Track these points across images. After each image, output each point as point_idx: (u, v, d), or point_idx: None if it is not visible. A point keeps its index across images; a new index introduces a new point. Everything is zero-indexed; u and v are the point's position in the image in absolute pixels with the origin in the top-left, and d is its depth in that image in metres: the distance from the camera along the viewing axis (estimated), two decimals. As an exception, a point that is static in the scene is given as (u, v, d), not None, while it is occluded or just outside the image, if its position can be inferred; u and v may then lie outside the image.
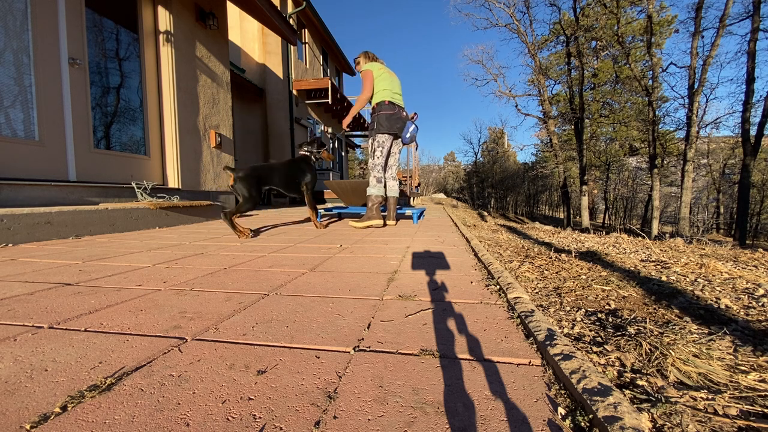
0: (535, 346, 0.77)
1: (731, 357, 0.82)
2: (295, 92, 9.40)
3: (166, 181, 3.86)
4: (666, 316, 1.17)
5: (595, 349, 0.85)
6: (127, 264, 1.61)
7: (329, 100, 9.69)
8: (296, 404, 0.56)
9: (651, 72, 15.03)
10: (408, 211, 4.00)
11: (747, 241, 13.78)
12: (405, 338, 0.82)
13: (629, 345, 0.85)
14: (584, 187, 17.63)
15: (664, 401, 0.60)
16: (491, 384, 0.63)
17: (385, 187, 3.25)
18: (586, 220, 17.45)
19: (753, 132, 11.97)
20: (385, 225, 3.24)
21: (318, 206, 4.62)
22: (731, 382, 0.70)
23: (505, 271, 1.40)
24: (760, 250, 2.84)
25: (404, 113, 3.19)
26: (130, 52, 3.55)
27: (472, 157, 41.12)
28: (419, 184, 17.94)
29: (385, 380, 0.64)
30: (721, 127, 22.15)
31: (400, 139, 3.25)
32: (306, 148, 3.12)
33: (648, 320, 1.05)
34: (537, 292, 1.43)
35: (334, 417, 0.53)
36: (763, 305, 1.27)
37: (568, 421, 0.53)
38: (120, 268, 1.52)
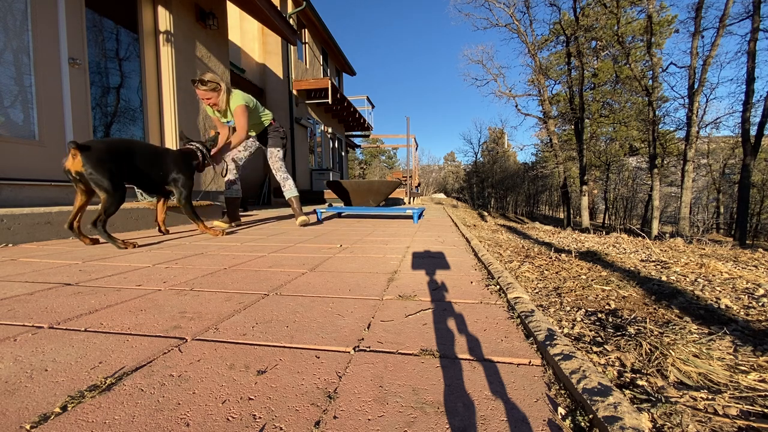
0: (535, 346, 0.77)
1: (731, 357, 0.82)
2: (295, 92, 9.40)
3: (166, 181, 3.86)
4: (666, 316, 1.17)
5: (595, 349, 0.85)
6: (126, 264, 1.61)
7: (329, 100, 9.69)
8: (296, 404, 0.56)
9: (651, 72, 15.03)
10: (408, 211, 4.01)
11: (747, 241, 13.78)
12: (405, 338, 0.82)
13: (629, 345, 0.85)
14: (584, 187, 17.64)
15: (664, 401, 0.60)
16: (491, 384, 0.63)
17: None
18: (586, 220, 17.45)
19: (753, 132, 11.97)
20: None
21: (318, 206, 4.61)
22: (731, 382, 0.70)
23: (505, 271, 1.40)
24: (760, 250, 2.84)
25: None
26: (130, 52, 3.55)
27: (472, 157, 41.12)
28: (419, 184, 17.94)
29: (385, 380, 0.64)
30: (721, 127, 22.13)
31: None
32: (197, 145, 2.53)
33: (648, 320, 1.05)
34: (537, 292, 1.43)
35: (334, 417, 0.53)
36: (763, 305, 1.27)
37: (568, 421, 0.53)
38: (120, 268, 1.52)
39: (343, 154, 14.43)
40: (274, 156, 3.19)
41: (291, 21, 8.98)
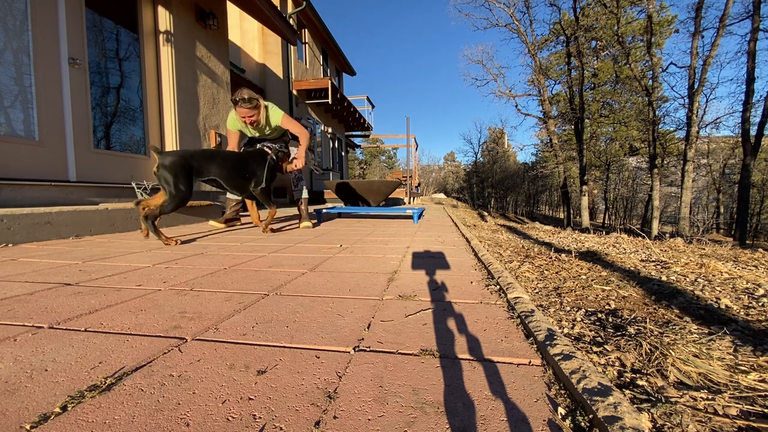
0: (535, 346, 0.77)
1: (731, 357, 0.82)
2: (295, 92, 9.40)
3: (166, 181, 3.86)
4: (666, 316, 1.17)
5: (595, 349, 0.85)
6: (127, 264, 1.61)
7: (329, 100, 9.69)
8: (296, 404, 0.56)
9: (651, 72, 15.03)
10: (408, 211, 4.01)
11: (747, 241, 13.77)
12: (405, 338, 0.82)
13: (629, 345, 0.85)
14: (584, 187, 17.64)
15: (664, 401, 0.60)
16: (491, 384, 0.63)
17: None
18: (586, 220, 17.45)
19: (753, 132, 11.96)
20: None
21: (318, 206, 4.61)
22: (731, 382, 0.70)
23: (505, 271, 1.40)
24: (760, 250, 2.84)
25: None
26: (130, 52, 3.55)
27: (472, 157, 41.13)
28: (419, 184, 17.94)
29: (385, 380, 0.64)
30: (721, 127, 22.08)
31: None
32: (269, 145, 2.78)
33: (648, 320, 1.05)
34: (537, 292, 1.43)
35: (334, 417, 0.53)
36: (763, 305, 1.27)
37: (568, 421, 0.53)
38: (120, 268, 1.52)
39: (343, 154, 14.43)
40: (294, 155, 3.23)
41: (291, 21, 8.98)
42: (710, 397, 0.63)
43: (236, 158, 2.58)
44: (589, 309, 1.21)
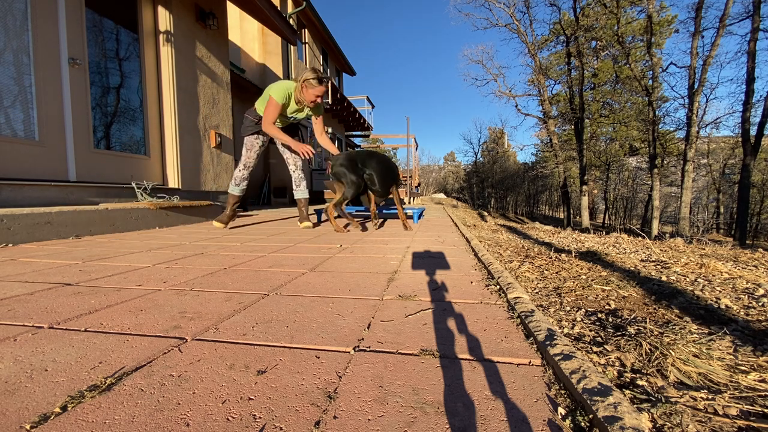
0: (535, 346, 0.77)
1: (731, 357, 0.82)
2: (295, 92, 9.38)
3: (166, 181, 3.86)
4: (666, 316, 1.17)
5: (595, 349, 0.85)
6: (127, 264, 1.61)
7: (329, 100, 9.69)
8: (296, 404, 0.56)
9: (651, 72, 15.03)
10: (408, 211, 4.01)
11: (747, 241, 13.77)
12: (405, 338, 0.82)
13: (629, 345, 0.85)
14: (584, 187, 17.63)
15: (664, 401, 0.60)
16: (491, 384, 0.63)
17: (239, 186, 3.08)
18: (586, 220, 17.45)
19: (753, 132, 11.96)
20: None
21: (318, 206, 4.61)
22: (731, 382, 0.70)
23: (505, 271, 1.40)
24: (760, 250, 2.84)
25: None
26: (130, 52, 3.55)
27: (472, 157, 41.10)
28: (419, 184, 17.93)
29: (385, 380, 0.64)
30: (721, 127, 22.08)
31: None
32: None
33: (648, 320, 1.05)
34: (537, 292, 1.43)
35: (334, 417, 0.53)
36: (763, 305, 1.27)
37: (568, 421, 0.53)
38: (120, 268, 1.52)
39: (343, 154, 14.40)
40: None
41: (291, 21, 8.99)
42: (710, 397, 0.63)
43: (390, 163, 3.01)
44: (589, 309, 1.21)
